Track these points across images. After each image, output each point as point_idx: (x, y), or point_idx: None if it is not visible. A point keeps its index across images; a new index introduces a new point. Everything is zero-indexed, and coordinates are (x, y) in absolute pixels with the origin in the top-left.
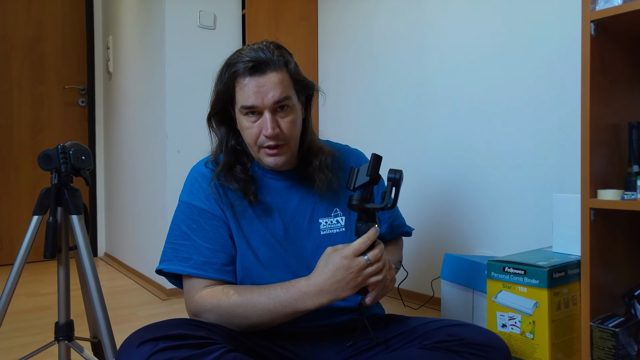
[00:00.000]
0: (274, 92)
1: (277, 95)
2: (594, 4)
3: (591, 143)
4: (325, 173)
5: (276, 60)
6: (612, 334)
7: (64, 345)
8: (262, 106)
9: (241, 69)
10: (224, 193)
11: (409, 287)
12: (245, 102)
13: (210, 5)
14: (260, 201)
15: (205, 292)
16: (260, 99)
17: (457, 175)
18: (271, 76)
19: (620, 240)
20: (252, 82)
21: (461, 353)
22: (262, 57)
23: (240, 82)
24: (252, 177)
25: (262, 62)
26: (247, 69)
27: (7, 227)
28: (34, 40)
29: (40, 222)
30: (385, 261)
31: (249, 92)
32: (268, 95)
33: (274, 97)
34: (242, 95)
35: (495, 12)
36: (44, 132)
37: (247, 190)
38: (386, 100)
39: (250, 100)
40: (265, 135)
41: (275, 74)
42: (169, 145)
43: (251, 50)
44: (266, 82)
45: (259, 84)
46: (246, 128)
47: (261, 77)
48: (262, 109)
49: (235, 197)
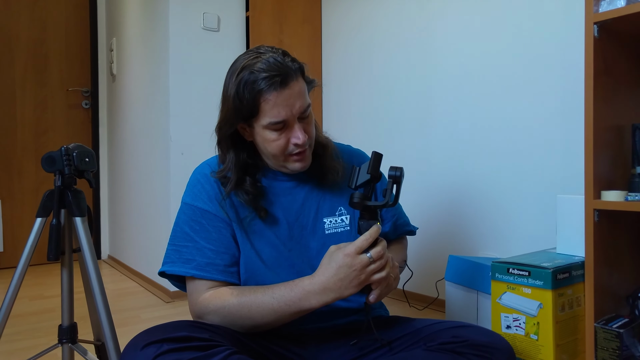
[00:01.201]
0: (300, 102)
1: (304, 105)
2: (597, 5)
3: (595, 144)
4: (338, 162)
5: (294, 70)
6: (616, 335)
7: (68, 348)
8: (292, 118)
9: (266, 85)
10: (229, 200)
11: (414, 289)
12: (276, 118)
13: (214, 7)
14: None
15: (208, 293)
16: (289, 112)
17: (461, 176)
18: (294, 86)
19: (624, 241)
20: (280, 97)
21: (466, 354)
22: (283, 69)
23: (266, 99)
24: (260, 190)
25: (283, 73)
26: (273, 84)
27: (11, 229)
28: (37, 43)
29: (44, 224)
30: (388, 258)
31: (279, 107)
32: (295, 107)
33: (301, 108)
34: (269, 111)
35: (498, 13)
36: (47, 134)
37: (256, 205)
38: (389, 101)
39: (282, 114)
40: (297, 144)
41: (296, 83)
42: (173, 148)
43: (264, 62)
44: (292, 93)
45: (286, 96)
46: (273, 141)
47: (286, 89)
48: (292, 121)
49: (241, 207)
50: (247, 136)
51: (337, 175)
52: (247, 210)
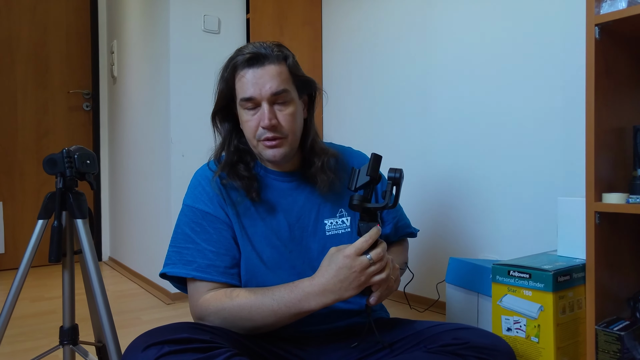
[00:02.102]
0: (272, 83)
1: (275, 86)
2: (599, 7)
3: (596, 146)
4: (327, 174)
5: (275, 55)
6: (617, 338)
7: (69, 349)
8: (259, 97)
9: (240, 61)
10: (226, 194)
11: (414, 291)
12: (244, 94)
13: (215, 9)
14: (264, 200)
15: (209, 295)
16: (258, 90)
17: (462, 178)
18: (269, 68)
19: (626, 243)
20: (250, 74)
21: (466, 357)
22: (261, 51)
23: (239, 74)
24: (255, 176)
25: (260, 54)
26: (246, 61)
27: (12, 231)
28: (38, 45)
29: (45, 226)
30: (388, 260)
31: (247, 83)
32: (266, 87)
33: (271, 89)
34: (240, 87)
35: (499, 16)
36: (48, 136)
37: (249, 188)
38: (390, 103)
39: (249, 91)
40: (263, 126)
41: (273, 66)
42: (174, 149)
43: (252, 46)
44: (264, 73)
45: (257, 75)
46: (246, 121)
47: (259, 68)
48: (260, 100)
49: (237, 196)
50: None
51: (325, 188)
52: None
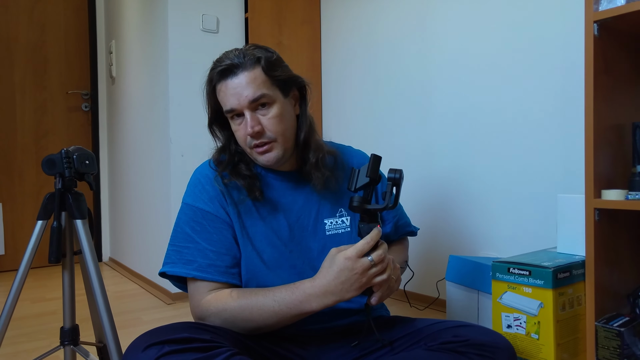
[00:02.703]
0: (247, 91)
1: (251, 94)
2: (597, 4)
3: (595, 143)
4: (322, 171)
5: (246, 61)
6: (617, 334)
7: (70, 350)
8: (239, 107)
9: (215, 75)
10: (227, 193)
11: (415, 289)
12: (225, 107)
13: (213, 9)
14: (265, 200)
15: (210, 296)
16: (236, 101)
17: (461, 176)
18: (242, 76)
19: (625, 240)
20: (225, 86)
21: (467, 354)
22: (234, 61)
23: (217, 88)
24: (256, 175)
25: (233, 65)
26: (219, 73)
27: (12, 232)
28: (36, 46)
29: (45, 227)
30: (389, 261)
31: (226, 95)
32: (242, 95)
33: (247, 97)
34: (221, 100)
35: (498, 13)
36: (47, 137)
37: (252, 187)
38: (389, 102)
39: (229, 103)
40: (248, 135)
41: (246, 73)
42: (173, 149)
43: (225, 57)
44: (239, 82)
45: (232, 85)
46: (235, 131)
47: (233, 79)
48: (241, 110)
49: (239, 195)
50: None
51: (319, 185)
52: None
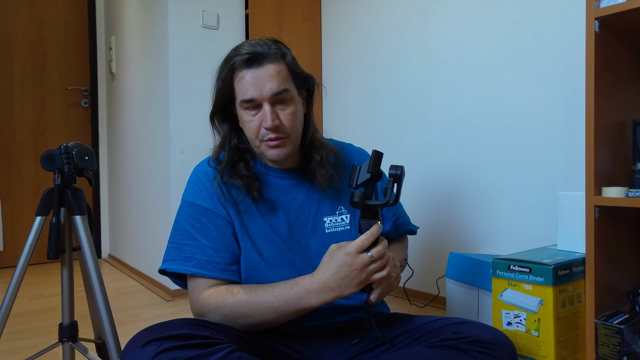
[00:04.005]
0: (272, 83)
1: (275, 87)
2: (598, 1)
3: (596, 141)
4: (326, 168)
5: (273, 53)
6: (616, 331)
7: (68, 346)
8: (260, 98)
9: (238, 62)
10: (227, 191)
11: (415, 287)
12: (244, 96)
13: (214, 5)
14: (264, 198)
15: (209, 292)
16: (258, 91)
17: (462, 173)
18: (268, 68)
19: (625, 237)
20: (249, 74)
21: (467, 351)
22: (259, 50)
23: (237, 76)
24: (255, 174)
25: (258, 54)
26: (244, 62)
27: (10, 228)
28: (36, 42)
29: (44, 223)
30: (389, 258)
31: (247, 84)
32: (266, 87)
33: (272, 89)
34: (240, 89)
35: (499, 9)
36: (46, 133)
37: (250, 187)
38: (390, 99)
39: (249, 93)
40: (266, 127)
41: (272, 65)
42: (173, 146)
43: (248, 45)
44: (264, 73)
45: (256, 75)
46: (247, 122)
47: (258, 69)
48: (261, 101)
49: (238, 194)
50: (237, 120)
51: (324, 182)
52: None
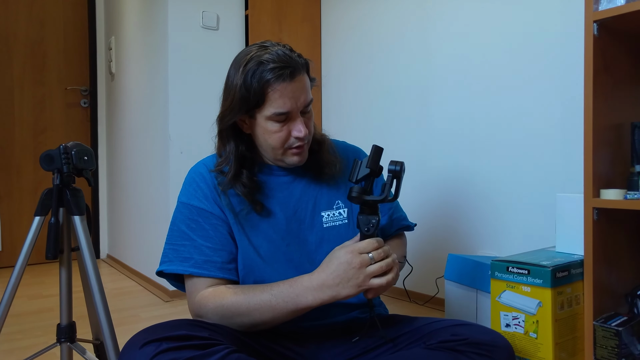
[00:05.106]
0: (304, 96)
1: (307, 99)
2: (597, 4)
3: (594, 143)
4: (335, 156)
5: (301, 64)
6: (615, 333)
7: (66, 347)
8: (295, 110)
9: (275, 75)
10: (225, 197)
11: (413, 287)
12: (281, 109)
13: (213, 5)
14: (263, 199)
15: (207, 291)
16: (294, 104)
17: (460, 174)
18: (300, 80)
19: (623, 239)
20: (287, 89)
21: (465, 353)
22: (291, 62)
23: (274, 89)
24: (257, 184)
25: (293, 68)
26: (282, 75)
27: (9, 228)
28: (35, 41)
29: (42, 223)
30: (389, 266)
31: (284, 97)
32: (300, 100)
33: (305, 101)
34: (275, 101)
35: (498, 12)
36: (46, 133)
37: (252, 199)
38: (389, 100)
39: (287, 105)
40: (298, 137)
41: (301, 77)
42: (172, 146)
43: (273, 54)
44: (298, 86)
45: (293, 88)
46: (274, 132)
47: (292, 82)
48: (295, 113)
49: (237, 202)
50: (245, 129)
51: (334, 169)
52: (243, 204)
